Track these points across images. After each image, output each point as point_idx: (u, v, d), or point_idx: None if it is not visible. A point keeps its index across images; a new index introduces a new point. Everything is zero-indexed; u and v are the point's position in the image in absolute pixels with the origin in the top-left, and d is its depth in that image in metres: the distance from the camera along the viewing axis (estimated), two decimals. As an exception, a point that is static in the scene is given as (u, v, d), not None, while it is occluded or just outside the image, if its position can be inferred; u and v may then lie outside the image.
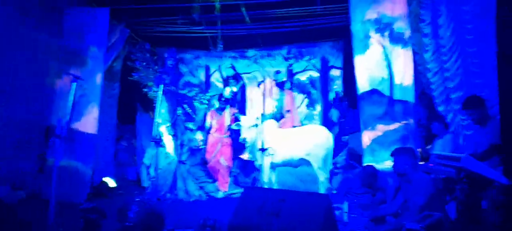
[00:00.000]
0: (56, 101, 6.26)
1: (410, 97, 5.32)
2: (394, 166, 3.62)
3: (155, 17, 7.00)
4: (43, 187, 5.93)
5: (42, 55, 6.52)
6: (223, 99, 6.80)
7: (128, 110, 7.76)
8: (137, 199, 3.85)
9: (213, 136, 6.61)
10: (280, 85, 7.76)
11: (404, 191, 3.62)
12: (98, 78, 6.24)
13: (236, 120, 6.47)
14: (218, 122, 6.66)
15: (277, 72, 7.95)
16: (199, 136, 7.08)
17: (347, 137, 6.68)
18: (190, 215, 5.00)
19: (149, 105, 7.47)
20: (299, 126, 7.22)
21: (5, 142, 6.06)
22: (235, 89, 7.31)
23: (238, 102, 7.35)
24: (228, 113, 6.64)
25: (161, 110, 6.15)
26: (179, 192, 6.10)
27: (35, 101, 6.53)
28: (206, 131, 6.64)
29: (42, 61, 6.52)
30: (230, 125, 6.51)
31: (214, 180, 6.55)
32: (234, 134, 6.52)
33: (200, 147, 6.53)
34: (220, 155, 6.48)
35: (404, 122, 5.25)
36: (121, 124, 7.89)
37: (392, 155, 3.69)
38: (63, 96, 6.05)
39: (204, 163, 6.81)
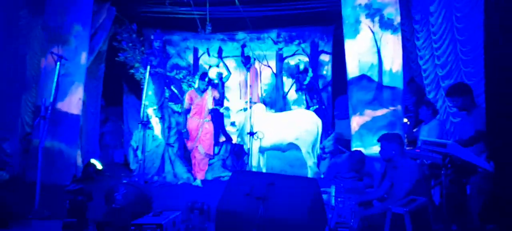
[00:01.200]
0: (40, 81, 6.10)
1: (399, 83, 5.36)
2: (380, 152, 3.65)
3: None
4: (27, 169, 5.83)
5: (24, 34, 6.33)
6: (206, 79, 6.16)
7: (115, 92, 7.63)
8: (124, 181, 3.81)
9: (193, 120, 5.98)
10: (246, 60, 7.57)
11: (390, 176, 3.66)
12: (83, 57, 6.09)
13: (218, 102, 6.31)
14: (198, 104, 5.98)
15: (243, 46, 7.80)
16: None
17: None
18: (178, 198, 4.99)
19: (136, 87, 7.36)
20: (258, 100, 7.05)
21: None
22: (224, 72, 7.13)
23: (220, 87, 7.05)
24: (209, 96, 6.03)
25: (148, 92, 6.05)
26: (167, 175, 6.07)
27: (18, 81, 6.37)
28: (184, 113, 6.01)
29: (23, 40, 6.33)
30: (212, 108, 6.10)
31: (190, 168, 6.10)
32: (217, 118, 6.39)
33: (182, 131, 6.12)
34: (198, 142, 5.94)
35: (392, 107, 5.30)
36: (107, 106, 7.77)
37: (379, 140, 3.72)
38: (47, 76, 5.90)
39: (185, 148, 6.35)
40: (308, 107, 7.36)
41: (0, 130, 6.21)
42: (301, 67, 7.70)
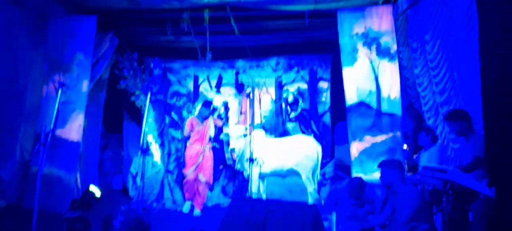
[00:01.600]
0: (40, 108, 6.14)
1: (397, 110, 5.41)
2: (381, 178, 3.65)
3: (144, 26, 6.98)
4: (25, 196, 5.78)
5: (26, 62, 6.43)
6: (211, 107, 6.17)
7: (115, 119, 7.65)
8: (122, 208, 3.77)
9: (192, 147, 5.85)
10: (239, 87, 7.59)
11: (391, 203, 3.64)
12: (84, 85, 6.16)
13: (220, 131, 6.31)
14: (198, 131, 5.90)
15: (237, 73, 7.84)
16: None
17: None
18: (177, 225, 4.93)
19: (136, 114, 7.39)
20: (251, 127, 6.95)
21: None
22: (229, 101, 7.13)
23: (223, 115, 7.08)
24: (211, 123, 6.01)
25: (149, 119, 6.09)
26: (166, 201, 6.01)
27: (19, 109, 6.41)
28: (184, 140, 5.94)
29: (26, 68, 6.42)
30: (213, 136, 6.08)
31: (188, 198, 5.82)
32: (218, 145, 6.38)
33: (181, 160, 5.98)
34: (199, 170, 5.82)
35: (392, 134, 5.33)
36: (108, 132, 7.77)
37: (379, 166, 3.73)
38: (48, 104, 5.95)
39: (182, 177, 6.09)
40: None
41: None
42: (290, 99, 7.65)
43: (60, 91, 4.17)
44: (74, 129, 5.97)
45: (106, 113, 7.09)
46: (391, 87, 5.46)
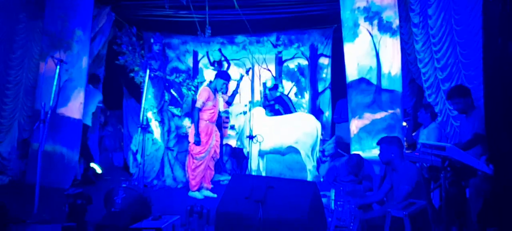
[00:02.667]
0: (39, 85, 6.12)
1: (398, 86, 5.38)
2: (380, 155, 3.66)
3: (141, 0, 6.86)
4: (28, 172, 5.83)
5: (25, 38, 6.36)
6: (229, 80, 5.52)
7: (114, 95, 7.63)
8: (123, 185, 3.79)
9: (205, 123, 5.25)
10: (219, 64, 7.18)
11: (389, 179, 3.67)
12: (84, 62, 6.12)
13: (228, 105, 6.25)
14: (214, 105, 5.32)
15: (220, 49, 7.49)
16: (187, 122, 7.00)
17: None
18: (178, 202, 4.99)
19: (136, 91, 7.36)
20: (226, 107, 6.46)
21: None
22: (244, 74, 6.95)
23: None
24: (220, 98, 5.59)
25: (148, 96, 6.06)
26: (166, 178, 6.06)
27: (20, 85, 6.40)
28: (191, 113, 5.25)
29: (24, 45, 6.36)
30: (221, 112, 5.92)
31: (198, 187, 5.31)
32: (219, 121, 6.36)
33: (184, 132, 5.71)
34: (213, 150, 5.40)
35: (391, 110, 5.32)
36: (107, 109, 7.77)
37: (378, 143, 3.73)
38: (47, 81, 5.92)
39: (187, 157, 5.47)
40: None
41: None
42: (270, 84, 7.40)
43: (58, 68, 4.13)
44: (75, 106, 5.98)
45: (105, 90, 7.07)
46: (392, 63, 5.40)
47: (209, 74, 7.16)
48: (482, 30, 3.84)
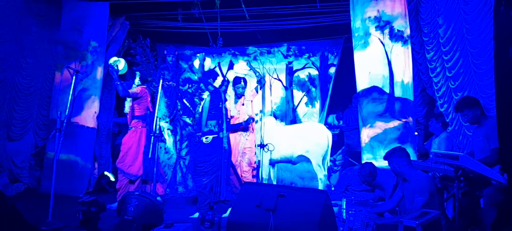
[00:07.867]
0: (54, 95, 6.27)
1: (410, 95, 5.34)
2: (391, 169, 3.65)
3: (154, 12, 6.99)
4: (43, 180, 5.95)
5: (42, 49, 6.53)
6: (242, 82, 5.41)
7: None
8: (136, 193, 3.84)
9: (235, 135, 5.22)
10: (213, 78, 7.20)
11: (401, 189, 3.64)
12: (99, 72, 6.26)
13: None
14: (240, 112, 5.25)
15: (219, 63, 7.49)
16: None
17: None
18: (189, 211, 5.01)
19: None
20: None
21: (3, 134, 6.08)
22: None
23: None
24: (247, 102, 5.56)
25: (161, 106, 6.15)
26: (178, 187, 6.11)
27: (35, 95, 6.56)
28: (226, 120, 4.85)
29: (41, 55, 6.53)
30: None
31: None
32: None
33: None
34: (242, 157, 5.32)
35: (404, 119, 5.27)
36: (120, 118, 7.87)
37: (385, 158, 3.71)
38: (63, 90, 6.07)
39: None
40: None
41: (17, 143, 6.37)
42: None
43: (74, 78, 4.24)
44: (89, 115, 6.11)
45: (118, 100, 7.19)
46: (404, 72, 5.38)
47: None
48: (494, 40, 3.82)
